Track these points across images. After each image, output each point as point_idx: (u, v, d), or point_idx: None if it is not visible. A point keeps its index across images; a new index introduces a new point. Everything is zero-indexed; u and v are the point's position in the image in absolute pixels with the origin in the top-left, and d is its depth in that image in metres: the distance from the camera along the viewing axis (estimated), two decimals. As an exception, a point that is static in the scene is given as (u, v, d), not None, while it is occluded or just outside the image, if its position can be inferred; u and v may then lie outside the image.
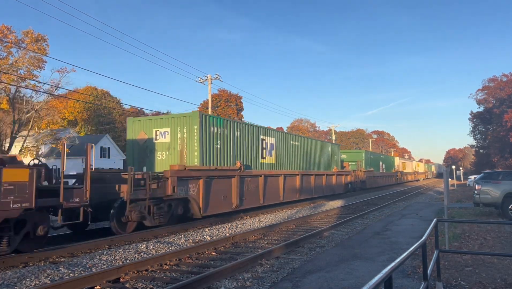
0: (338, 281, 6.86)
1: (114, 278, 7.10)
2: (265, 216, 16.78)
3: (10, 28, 32.76)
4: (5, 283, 6.69)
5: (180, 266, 8.24)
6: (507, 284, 6.44)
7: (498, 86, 61.07)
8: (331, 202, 23.85)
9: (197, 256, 9.09)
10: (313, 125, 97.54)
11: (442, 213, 14.56)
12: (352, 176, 33.06)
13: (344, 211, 18.89)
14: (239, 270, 7.53)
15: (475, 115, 68.25)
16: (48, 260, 8.74)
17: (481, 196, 15.43)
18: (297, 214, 17.53)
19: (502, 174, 16.32)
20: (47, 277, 7.13)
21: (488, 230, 11.97)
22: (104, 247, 10.19)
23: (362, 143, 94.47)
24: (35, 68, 32.75)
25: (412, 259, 8.09)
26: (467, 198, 25.44)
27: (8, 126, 32.11)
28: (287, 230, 13.01)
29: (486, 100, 64.83)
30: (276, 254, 8.98)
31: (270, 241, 11.15)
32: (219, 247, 10.07)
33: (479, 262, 7.89)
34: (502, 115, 53.28)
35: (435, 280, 5.75)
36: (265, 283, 6.81)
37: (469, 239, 10.71)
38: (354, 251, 9.39)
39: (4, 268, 7.94)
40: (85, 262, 8.26)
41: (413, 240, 10.54)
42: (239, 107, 58.78)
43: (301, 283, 6.78)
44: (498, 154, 56.34)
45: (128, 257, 8.82)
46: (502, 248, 9.45)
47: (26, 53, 31.74)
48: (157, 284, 6.87)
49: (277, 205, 20.63)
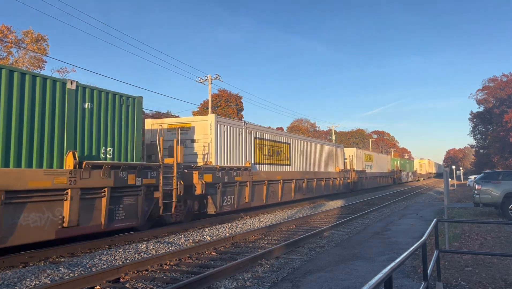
0: (338, 281, 6.86)
1: (114, 278, 7.10)
2: (265, 216, 16.79)
3: (10, 28, 32.78)
4: (5, 283, 6.69)
5: (180, 266, 8.24)
6: (507, 284, 6.44)
7: (498, 86, 61.10)
8: (331, 202, 23.86)
9: (197, 256, 9.09)
10: (313, 125, 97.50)
11: (442, 213, 14.57)
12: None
13: (344, 211, 18.89)
14: (239, 270, 7.53)
15: (475, 115, 68.28)
16: (48, 260, 8.75)
17: (481, 196, 15.44)
18: (297, 214, 17.53)
19: (502, 174, 16.32)
20: (47, 277, 7.13)
21: (488, 230, 11.97)
22: (104, 247, 10.19)
23: (362, 143, 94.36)
24: (35, 68, 32.77)
25: (412, 259, 8.09)
26: (467, 198, 25.44)
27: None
28: (287, 230, 13.01)
29: (486, 100, 64.85)
30: (276, 254, 8.99)
31: (270, 241, 11.15)
32: (219, 247, 10.07)
33: (479, 262, 7.89)
34: (502, 115, 53.31)
35: (435, 280, 5.75)
36: (265, 283, 6.81)
37: (469, 239, 10.71)
38: (354, 251, 9.39)
39: (4, 268, 7.94)
40: (85, 262, 8.27)
41: (413, 240, 10.55)
42: (239, 107, 58.75)
43: (301, 283, 6.78)
44: (498, 154, 56.37)
45: (128, 257, 8.82)
46: (502, 248, 9.45)
47: (26, 53, 31.77)
48: (157, 284, 6.87)
49: (279, 204, 20.78)
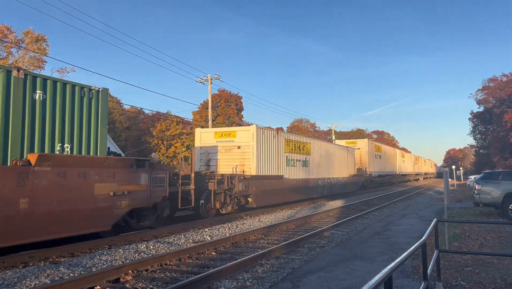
0: (338, 281, 6.86)
1: (114, 278, 7.10)
2: (265, 216, 16.79)
3: (10, 28, 32.79)
4: (5, 283, 6.69)
5: (180, 266, 8.24)
6: (507, 284, 6.44)
7: (498, 86, 61.11)
8: (331, 202, 23.86)
9: (197, 256, 9.09)
10: (313, 125, 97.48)
11: (442, 213, 14.57)
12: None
13: (344, 211, 18.89)
14: (239, 270, 7.53)
15: (475, 115, 68.28)
16: (48, 260, 8.75)
17: (481, 196, 15.44)
18: (297, 214, 17.53)
19: (502, 174, 16.32)
20: (47, 277, 7.13)
21: (488, 230, 11.97)
22: (104, 247, 10.18)
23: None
24: (35, 68, 32.78)
25: (412, 259, 8.09)
26: (467, 198, 25.45)
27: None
28: (287, 230, 13.01)
29: (486, 100, 64.87)
30: (276, 254, 8.99)
31: (270, 241, 11.15)
32: (219, 247, 10.07)
33: (479, 262, 7.89)
34: (502, 115, 53.29)
35: (435, 280, 5.75)
36: (265, 283, 6.81)
37: (469, 239, 10.72)
38: (354, 251, 9.39)
39: (4, 268, 7.94)
40: (85, 262, 8.26)
41: (413, 240, 10.54)
42: (239, 107, 58.71)
43: (301, 283, 6.78)
44: (498, 154, 56.34)
45: (128, 257, 8.82)
46: (502, 248, 9.45)
47: (26, 53, 31.77)
48: (157, 284, 6.87)
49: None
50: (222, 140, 19.46)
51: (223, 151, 19.23)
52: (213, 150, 19.38)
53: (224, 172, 17.90)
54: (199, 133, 20.48)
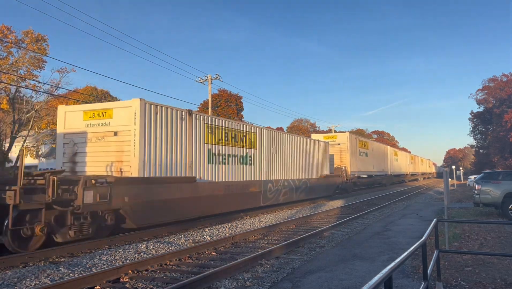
0: (338, 281, 6.86)
1: (114, 278, 7.10)
2: (265, 216, 16.79)
3: (10, 28, 32.72)
4: (5, 283, 6.69)
5: (180, 266, 8.24)
6: (507, 284, 6.44)
7: (498, 86, 61.06)
8: (331, 202, 23.87)
9: (197, 256, 9.09)
10: (313, 125, 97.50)
11: (442, 213, 14.57)
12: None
13: (344, 211, 18.89)
14: (239, 270, 7.53)
15: (475, 115, 68.25)
16: (48, 260, 8.75)
17: (481, 196, 15.43)
18: (297, 214, 17.52)
19: (502, 174, 16.32)
20: (47, 277, 7.13)
21: (488, 230, 11.97)
22: (104, 247, 10.19)
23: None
24: (35, 68, 32.71)
25: (412, 259, 8.09)
26: (467, 198, 25.45)
27: (8, 126, 32.13)
28: (287, 230, 13.01)
29: (486, 100, 64.82)
30: (276, 254, 8.99)
31: (270, 241, 11.15)
32: (219, 247, 10.07)
33: (479, 262, 7.89)
34: (502, 115, 53.25)
35: (435, 280, 5.75)
36: (265, 283, 6.81)
37: (469, 239, 10.72)
38: (354, 251, 9.39)
39: (4, 268, 7.94)
40: (85, 262, 8.26)
41: (413, 240, 10.54)
42: (239, 107, 58.72)
43: (301, 283, 6.78)
44: (498, 154, 56.31)
45: (128, 257, 8.82)
46: (502, 248, 9.45)
47: (26, 53, 31.72)
48: (157, 284, 6.87)
49: (277, 205, 20.77)
50: (93, 122, 13.07)
51: (94, 140, 12.93)
52: (80, 139, 13.17)
53: (95, 171, 12.41)
54: (63, 112, 13.79)
